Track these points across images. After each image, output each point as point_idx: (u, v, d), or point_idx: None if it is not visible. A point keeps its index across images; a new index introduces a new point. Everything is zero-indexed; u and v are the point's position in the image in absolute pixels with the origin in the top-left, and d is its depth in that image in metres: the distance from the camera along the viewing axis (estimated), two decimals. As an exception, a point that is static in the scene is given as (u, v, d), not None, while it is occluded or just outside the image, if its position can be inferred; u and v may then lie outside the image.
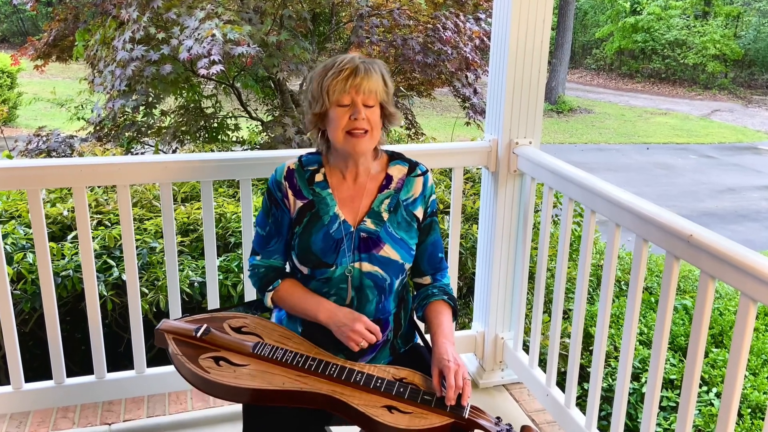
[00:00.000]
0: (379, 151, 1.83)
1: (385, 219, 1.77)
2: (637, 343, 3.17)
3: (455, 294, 2.67)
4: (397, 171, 1.82)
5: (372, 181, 1.80)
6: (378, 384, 1.58)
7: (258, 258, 1.83)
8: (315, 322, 1.74)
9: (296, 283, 1.79)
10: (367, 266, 1.73)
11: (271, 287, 1.80)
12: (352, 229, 1.75)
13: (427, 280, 1.86)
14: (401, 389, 1.58)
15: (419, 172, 1.84)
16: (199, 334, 1.65)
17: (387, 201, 1.78)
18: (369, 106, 1.69)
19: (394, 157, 1.84)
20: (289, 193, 1.77)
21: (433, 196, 1.85)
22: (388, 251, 1.75)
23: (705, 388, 2.91)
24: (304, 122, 1.78)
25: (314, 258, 1.73)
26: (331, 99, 1.67)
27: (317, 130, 1.76)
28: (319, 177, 1.79)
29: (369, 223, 1.76)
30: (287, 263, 1.84)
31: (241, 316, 1.77)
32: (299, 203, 1.77)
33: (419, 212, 1.81)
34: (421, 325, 2.08)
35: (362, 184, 1.79)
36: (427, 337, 1.81)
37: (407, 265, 1.79)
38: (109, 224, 3.03)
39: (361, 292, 1.74)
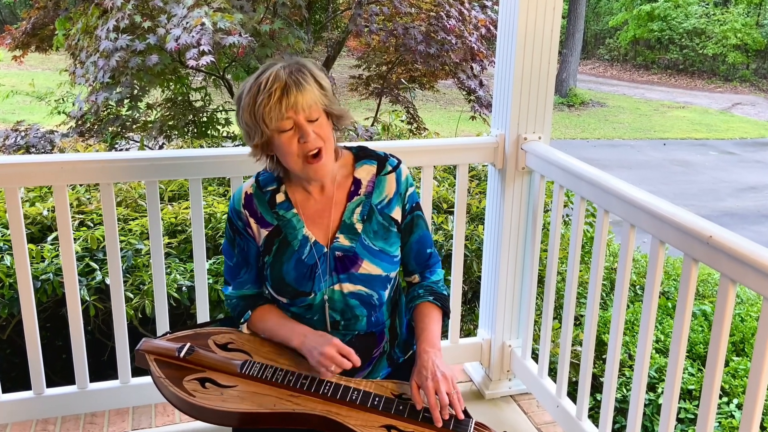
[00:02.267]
0: (339, 151, 1.74)
1: (359, 230, 1.71)
2: (653, 351, 3.17)
3: (460, 298, 2.68)
4: (365, 172, 1.75)
5: (339, 189, 1.73)
6: (376, 402, 1.57)
7: (230, 289, 1.80)
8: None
9: (269, 310, 1.76)
10: (348, 287, 1.69)
11: (242, 320, 1.77)
12: (325, 250, 1.70)
13: (416, 278, 1.83)
14: (401, 406, 1.57)
15: (389, 167, 1.76)
16: (182, 354, 1.64)
17: (358, 209, 1.72)
18: (314, 120, 1.60)
19: (359, 157, 1.77)
20: (251, 221, 1.72)
21: (411, 189, 1.78)
22: (367, 267, 1.70)
23: (725, 399, 2.91)
24: (248, 148, 1.69)
25: (290, 289, 1.70)
26: (270, 127, 1.58)
27: (266, 156, 1.69)
28: (280, 197, 1.73)
29: (342, 240, 1.70)
30: (265, 289, 1.80)
31: (227, 331, 1.76)
32: (264, 231, 1.72)
33: (396, 213, 1.75)
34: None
35: (329, 195, 1.72)
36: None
37: (393, 273, 1.75)
38: (92, 225, 3.03)
39: (348, 312, 1.71)
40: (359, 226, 1.72)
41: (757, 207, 9.51)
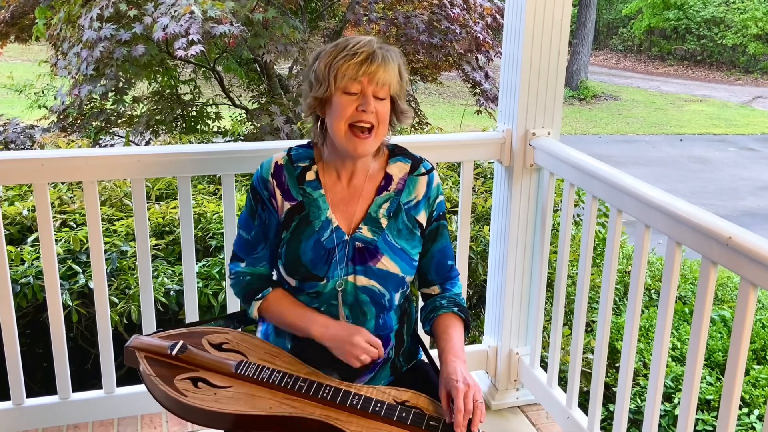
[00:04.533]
0: (381, 149, 1.80)
1: (384, 226, 1.76)
2: (670, 359, 3.17)
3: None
4: (398, 169, 1.80)
5: (369, 181, 1.78)
6: (377, 408, 1.58)
7: (242, 265, 1.82)
8: (306, 338, 1.74)
9: (285, 294, 1.79)
10: (362, 280, 1.72)
11: (260, 296, 1.79)
12: (346, 238, 1.74)
13: (435, 290, 1.86)
14: (403, 413, 1.58)
15: (423, 170, 1.82)
16: (174, 352, 1.65)
17: (386, 205, 1.77)
18: (380, 98, 1.66)
19: (394, 153, 1.82)
20: (277, 192, 1.76)
21: (440, 198, 1.83)
22: (386, 263, 1.73)
23: (746, 410, 2.92)
24: (303, 105, 1.76)
25: (303, 270, 1.72)
26: (338, 84, 1.64)
27: (315, 117, 1.74)
28: (310, 175, 1.77)
29: (365, 231, 1.75)
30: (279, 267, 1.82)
31: (222, 330, 1.77)
32: (287, 205, 1.75)
33: (422, 217, 1.80)
34: (427, 340, 2.08)
35: (358, 186, 1.77)
36: (434, 352, 1.81)
37: (408, 278, 1.78)
38: (75, 225, 3.03)
39: (356, 308, 1.74)
40: (384, 222, 1.76)
41: (780, 206, 9.51)
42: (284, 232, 1.76)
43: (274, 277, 1.85)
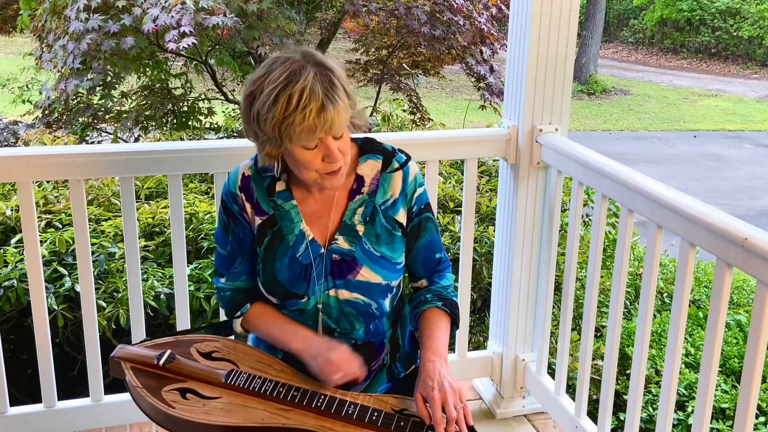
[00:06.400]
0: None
1: (361, 233, 1.73)
2: (683, 365, 3.17)
3: (468, 307, 2.68)
4: (369, 168, 1.76)
5: (340, 186, 1.72)
6: (374, 417, 1.58)
7: (223, 280, 1.82)
8: None
9: (265, 307, 1.78)
10: (344, 293, 1.71)
11: (238, 313, 1.79)
12: (323, 251, 1.72)
13: (423, 283, 1.84)
14: (401, 423, 1.58)
15: (396, 164, 1.76)
16: (161, 362, 1.65)
17: (360, 210, 1.74)
18: (338, 137, 1.60)
19: (364, 150, 1.77)
20: (247, 206, 1.74)
21: (420, 190, 1.78)
22: (366, 274, 1.71)
23: (762, 419, 2.92)
24: (255, 145, 1.67)
25: (282, 289, 1.72)
26: (295, 143, 1.56)
27: (273, 160, 1.67)
28: (280, 186, 1.74)
29: (341, 242, 1.72)
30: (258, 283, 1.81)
31: (211, 339, 1.77)
32: (258, 220, 1.73)
33: (401, 216, 1.76)
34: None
35: (329, 194, 1.73)
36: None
37: (395, 282, 1.76)
38: (61, 226, 3.03)
39: (343, 320, 1.73)
40: (360, 228, 1.73)
41: (798, 206, 9.50)
42: (258, 248, 1.74)
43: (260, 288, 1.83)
